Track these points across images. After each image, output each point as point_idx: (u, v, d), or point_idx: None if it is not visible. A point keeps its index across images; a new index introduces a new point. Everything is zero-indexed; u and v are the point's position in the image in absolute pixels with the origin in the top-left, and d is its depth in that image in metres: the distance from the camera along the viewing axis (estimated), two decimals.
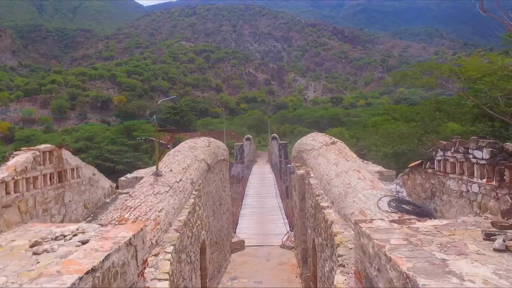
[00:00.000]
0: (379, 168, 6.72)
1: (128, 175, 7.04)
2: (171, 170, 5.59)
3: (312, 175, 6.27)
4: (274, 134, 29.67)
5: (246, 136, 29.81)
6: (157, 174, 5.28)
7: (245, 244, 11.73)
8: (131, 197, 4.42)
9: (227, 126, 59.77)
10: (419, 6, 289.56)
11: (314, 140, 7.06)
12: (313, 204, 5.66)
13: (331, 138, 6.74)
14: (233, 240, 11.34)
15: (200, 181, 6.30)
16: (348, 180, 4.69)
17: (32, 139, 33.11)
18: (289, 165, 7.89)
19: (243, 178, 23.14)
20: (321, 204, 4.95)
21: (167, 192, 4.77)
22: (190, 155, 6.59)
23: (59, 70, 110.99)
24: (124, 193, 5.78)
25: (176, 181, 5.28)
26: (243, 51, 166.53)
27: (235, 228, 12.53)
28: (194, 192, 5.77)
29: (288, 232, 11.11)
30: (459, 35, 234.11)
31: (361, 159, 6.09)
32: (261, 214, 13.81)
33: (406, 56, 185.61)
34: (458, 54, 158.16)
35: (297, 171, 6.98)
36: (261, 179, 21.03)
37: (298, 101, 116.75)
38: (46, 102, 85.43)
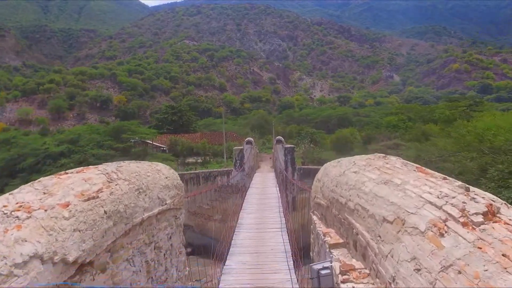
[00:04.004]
0: None
1: None
2: None
3: None
4: (279, 137, 25.67)
5: (247, 139, 26.08)
6: None
7: None
8: None
9: (230, 126, 56.28)
10: (426, 5, 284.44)
11: (405, 192, 2.30)
12: None
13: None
14: None
15: None
16: None
17: (11, 142, 30.22)
18: (321, 269, 3.21)
19: (243, 188, 19.61)
20: None
21: None
22: None
23: (59, 69, 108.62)
24: None
25: None
26: (248, 50, 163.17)
27: None
28: None
29: None
30: (467, 33, 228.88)
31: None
32: (257, 266, 7.48)
33: (414, 54, 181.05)
34: (469, 52, 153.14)
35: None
36: (263, 195, 16.79)
37: (304, 101, 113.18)
38: (44, 102, 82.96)
